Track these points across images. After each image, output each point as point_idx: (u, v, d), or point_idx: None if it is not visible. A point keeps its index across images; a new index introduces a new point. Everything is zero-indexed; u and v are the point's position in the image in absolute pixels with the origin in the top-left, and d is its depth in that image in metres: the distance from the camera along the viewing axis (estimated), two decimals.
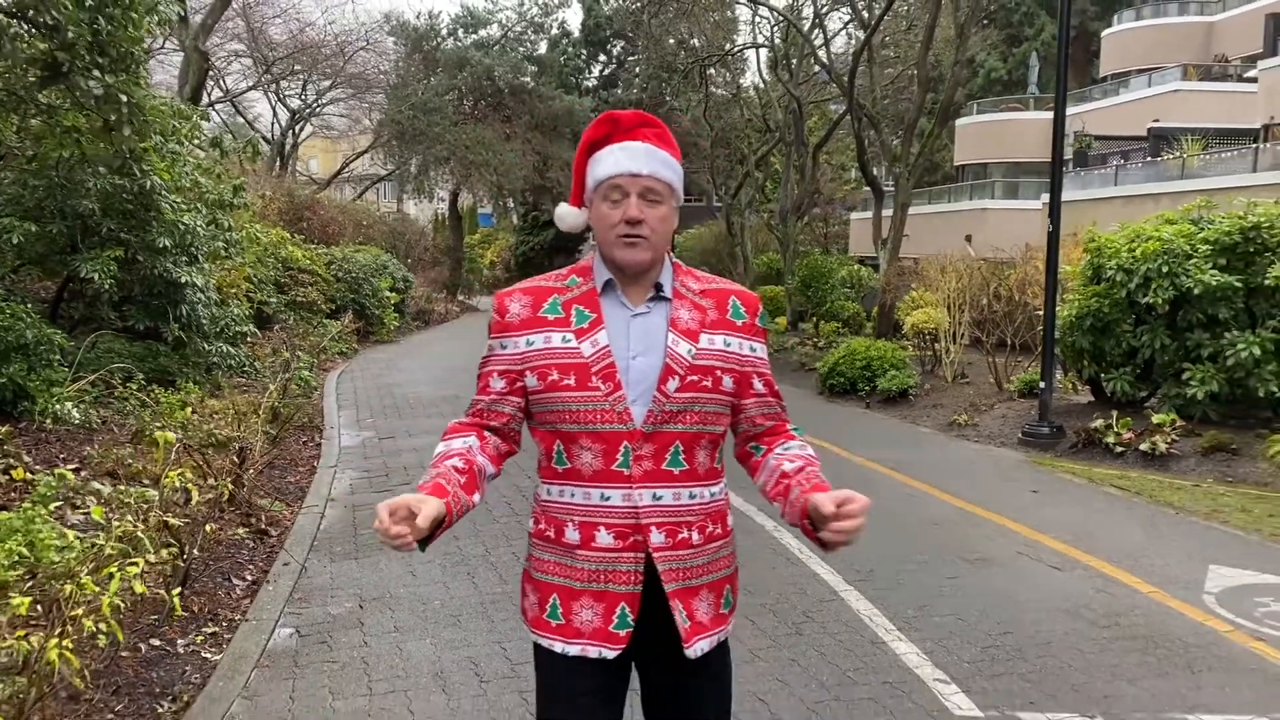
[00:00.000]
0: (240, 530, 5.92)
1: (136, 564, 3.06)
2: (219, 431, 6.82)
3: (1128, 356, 9.80)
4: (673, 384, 1.93)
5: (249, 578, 5.29)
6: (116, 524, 3.38)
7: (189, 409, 7.92)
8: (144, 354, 9.53)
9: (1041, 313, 10.33)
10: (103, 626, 3.01)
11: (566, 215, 2.11)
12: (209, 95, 26.17)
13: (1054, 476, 8.30)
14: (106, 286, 8.63)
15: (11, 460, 6.29)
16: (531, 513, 2.09)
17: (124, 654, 4.04)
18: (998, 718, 3.73)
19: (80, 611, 2.80)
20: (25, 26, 5.19)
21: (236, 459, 5.96)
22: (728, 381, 2.00)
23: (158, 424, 7.59)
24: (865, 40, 17.13)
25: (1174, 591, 5.24)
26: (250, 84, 27.98)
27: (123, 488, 5.78)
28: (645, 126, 2.01)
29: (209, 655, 4.25)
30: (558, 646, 1.98)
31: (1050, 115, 30.18)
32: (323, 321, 16.97)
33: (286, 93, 33.12)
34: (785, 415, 2.14)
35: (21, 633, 3.00)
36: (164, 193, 8.99)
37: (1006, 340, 12.52)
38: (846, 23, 25.10)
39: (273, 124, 34.49)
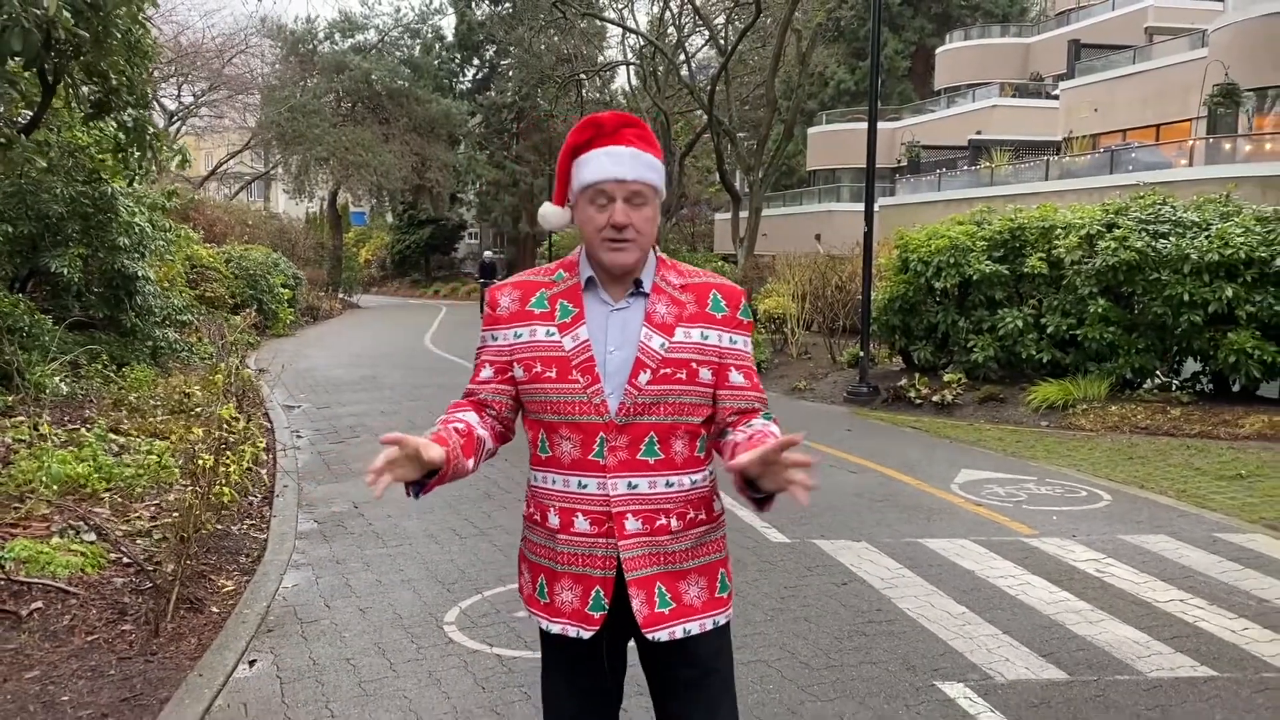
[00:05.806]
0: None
1: (260, 443, 4.79)
2: (199, 393, 8.38)
3: (930, 331, 12.26)
4: (644, 377, 1.97)
5: (260, 495, 6.96)
6: (239, 421, 5.08)
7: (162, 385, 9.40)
8: (87, 342, 10.81)
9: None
10: (232, 483, 4.74)
11: (550, 215, 2.15)
12: None
13: (866, 422, 10.64)
14: (76, 279, 9.96)
15: (35, 419, 7.75)
16: (525, 497, 2.19)
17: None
18: (799, 543, 5.84)
19: (233, 467, 4.52)
20: (83, 75, 6.70)
21: (237, 409, 7.58)
22: (705, 373, 2.02)
23: (134, 394, 9.11)
24: (723, 65, 19.46)
25: (931, 483, 7.53)
26: None
27: (134, 436, 7.40)
28: (628, 128, 2.03)
29: (257, 535, 5.96)
30: (542, 624, 2.10)
31: (891, 125, 33.39)
32: (227, 316, 18.14)
33: (162, 94, 33.38)
34: (762, 409, 2.10)
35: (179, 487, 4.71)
36: (121, 197, 10.37)
37: (840, 323, 14.95)
38: (706, 42, 27.49)
39: None
